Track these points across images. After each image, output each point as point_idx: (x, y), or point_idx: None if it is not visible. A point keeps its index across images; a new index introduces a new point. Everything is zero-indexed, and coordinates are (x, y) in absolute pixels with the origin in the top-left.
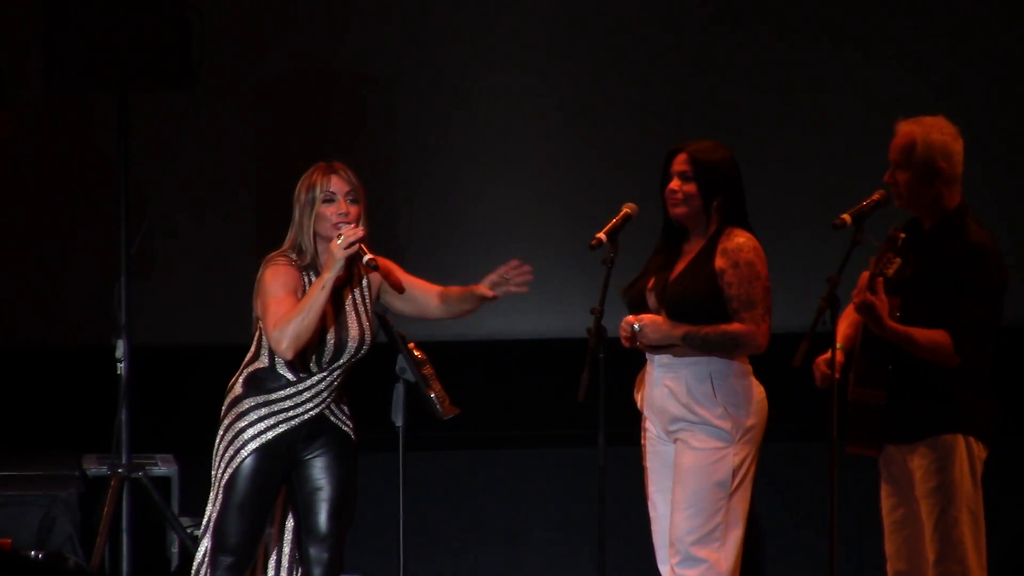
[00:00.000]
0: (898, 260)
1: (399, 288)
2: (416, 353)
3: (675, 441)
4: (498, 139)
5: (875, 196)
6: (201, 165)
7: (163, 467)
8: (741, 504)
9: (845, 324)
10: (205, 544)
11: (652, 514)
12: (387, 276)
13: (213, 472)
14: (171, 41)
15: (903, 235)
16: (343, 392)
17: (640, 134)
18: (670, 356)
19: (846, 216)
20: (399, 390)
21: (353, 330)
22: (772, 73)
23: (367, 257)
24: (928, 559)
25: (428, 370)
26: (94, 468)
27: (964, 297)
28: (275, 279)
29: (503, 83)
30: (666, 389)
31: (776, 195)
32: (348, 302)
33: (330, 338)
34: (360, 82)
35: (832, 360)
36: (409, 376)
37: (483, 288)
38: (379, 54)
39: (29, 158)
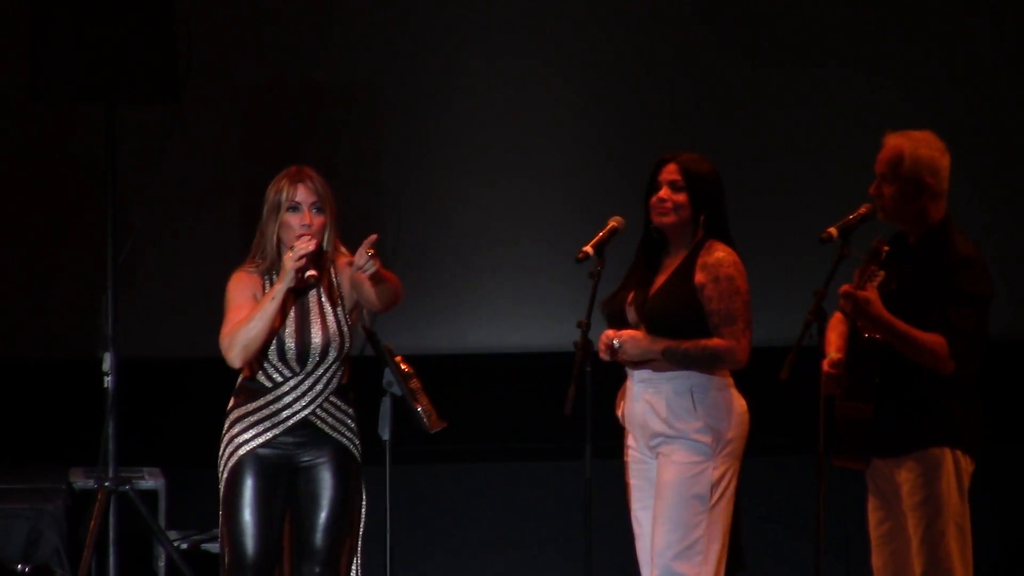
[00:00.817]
0: (882, 273)
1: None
2: (403, 367)
3: (657, 456)
4: (484, 149)
5: (861, 210)
6: (187, 177)
7: (150, 480)
8: (722, 519)
9: (834, 335)
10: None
11: (636, 531)
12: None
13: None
14: (158, 53)
15: (887, 247)
16: (340, 401)
17: (628, 146)
18: (650, 371)
19: (832, 230)
20: (386, 404)
21: (317, 332)
22: (761, 87)
23: (308, 273)
24: (915, 573)
25: (415, 384)
26: (81, 481)
27: (954, 305)
28: (236, 287)
29: (488, 92)
30: (646, 405)
31: (763, 208)
32: (313, 305)
33: (290, 340)
34: (345, 91)
35: (821, 365)
36: (396, 390)
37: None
38: (363, 64)
39: (14, 169)
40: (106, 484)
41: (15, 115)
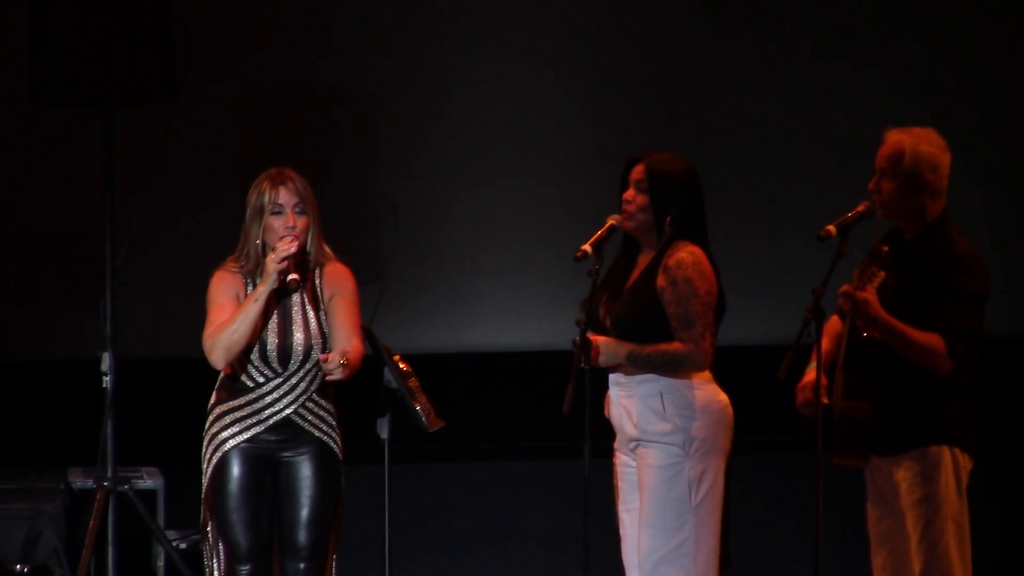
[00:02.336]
0: (882, 274)
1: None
2: (401, 365)
3: (636, 459)
4: (481, 149)
5: (860, 207)
6: (185, 178)
7: (149, 480)
8: (711, 517)
9: (825, 340)
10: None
11: (621, 532)
12: (325, 292)
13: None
14: (155, 55)
15: (886, 248)
16: (322, 400)
17: (625, 144)
18: (623, 374)
19: (831, 227)
20: (385, 402)
21: (299, 333)
22: (759, 84)
23: (290, 277)
24: (914, 571)
25: (414, 382)
26: (80, 481)
27: (951, 303)
28: (218, 286)
29: (484, 93)
30: (622, 409)
31: (761, 205)
32: (296, 306)
33: (273, 342)
34: (342, 93)
35: (817, 385)
36: (395, 388)
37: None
38: (359, 65)
39: (13, 171)
40: (105, 484)
41: (14, 118)
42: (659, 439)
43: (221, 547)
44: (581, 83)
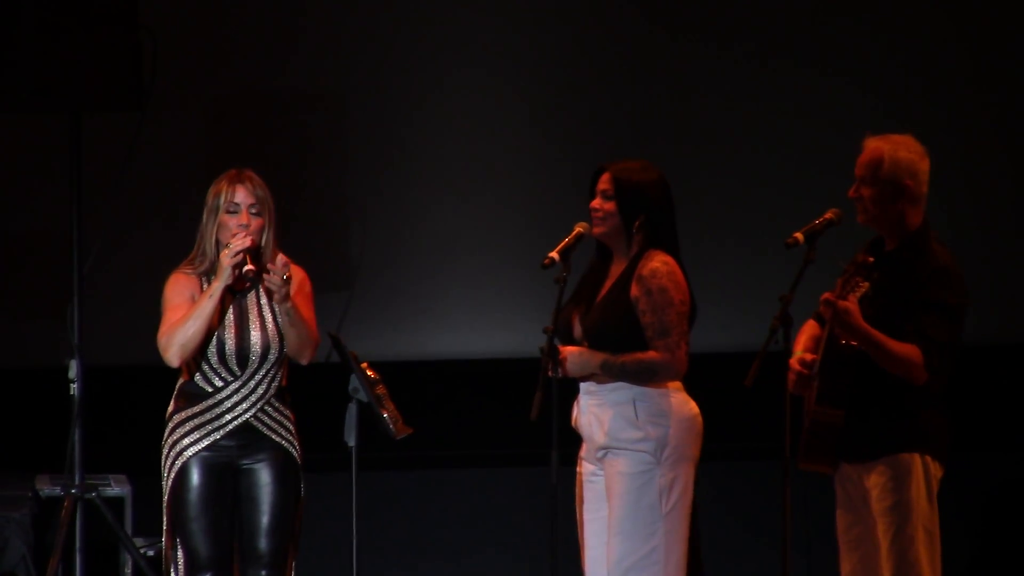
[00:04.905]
0: (866, 285)
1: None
2: (369, 373)
3: (604, 468)
4: (449, 156)
5: (828, 215)
6: (153, 185)
7: (116, 487)
8: (680, 525)
9: (804, 337)
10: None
11: (583, 543)
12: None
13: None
14: (122, 61)
15: (872, 259)
16: (280, 405)
17: (592, 151)
18: (594, 383)
19: (798, 235)
20: (352, 410)
21: (256, 333)
22: (727, 89)
23: (246, 267)
24: None
25: (381, 390)
26: (47, 489)
27: (930, 314)
28: (173, 288)
29: (454, 102)
30: (592, 417)
31: (728, 213)
32: (252, 306)
33: (230, 342)
34: (311, 99)
35: (789, 364)
36: (362, 396)
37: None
38: (329, 72)
39: None
40: (72, 491)
41: None
42: (630, 446)
43: (182, 555)
44: (550, 92)
